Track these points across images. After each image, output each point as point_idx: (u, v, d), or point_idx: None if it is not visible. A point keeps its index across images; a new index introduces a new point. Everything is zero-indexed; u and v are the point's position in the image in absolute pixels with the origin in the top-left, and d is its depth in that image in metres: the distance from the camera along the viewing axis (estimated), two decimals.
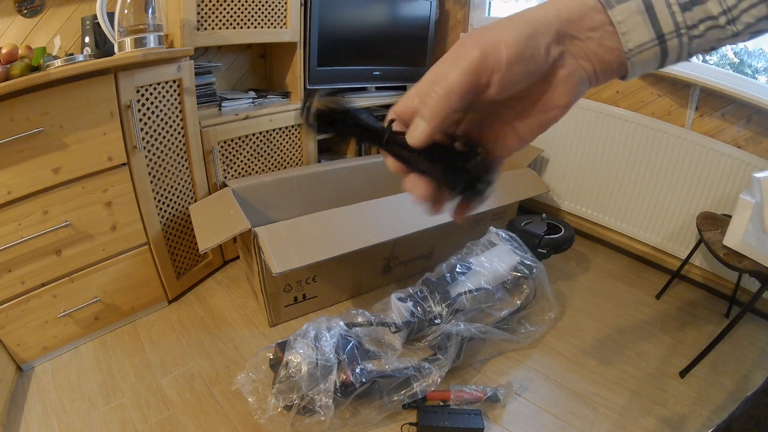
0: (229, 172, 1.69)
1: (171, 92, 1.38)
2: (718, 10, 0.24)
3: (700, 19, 0.25)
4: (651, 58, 0.26)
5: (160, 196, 1.43)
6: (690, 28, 0.25)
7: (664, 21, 0.25)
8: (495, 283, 1.36)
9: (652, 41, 0.25)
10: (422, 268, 1.72)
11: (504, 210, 1.91)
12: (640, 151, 1.76)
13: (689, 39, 0.25)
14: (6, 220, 1.08)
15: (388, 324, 1.25)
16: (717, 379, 1.31)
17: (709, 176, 1.61)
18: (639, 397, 1.23)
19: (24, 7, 1.38)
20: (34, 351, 1.25)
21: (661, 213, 1.78)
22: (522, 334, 1.38)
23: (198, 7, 1.43)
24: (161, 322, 1.46)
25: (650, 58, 0.26)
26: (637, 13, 0.25)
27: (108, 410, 1.14)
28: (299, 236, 1.30)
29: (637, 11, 0.25)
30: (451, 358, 1.19)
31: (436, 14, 2.20)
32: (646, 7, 0.25)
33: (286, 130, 1.80)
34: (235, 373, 1.22)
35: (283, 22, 1.68)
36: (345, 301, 1.58)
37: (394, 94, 2.19)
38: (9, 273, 1.13)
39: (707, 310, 1.65)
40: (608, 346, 1.43)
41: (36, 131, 1.05)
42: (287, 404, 1.02)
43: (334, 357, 1.07)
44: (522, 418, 1.16)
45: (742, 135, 1.58)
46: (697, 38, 0.25)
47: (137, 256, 1.38)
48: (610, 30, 0.26)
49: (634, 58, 0.26)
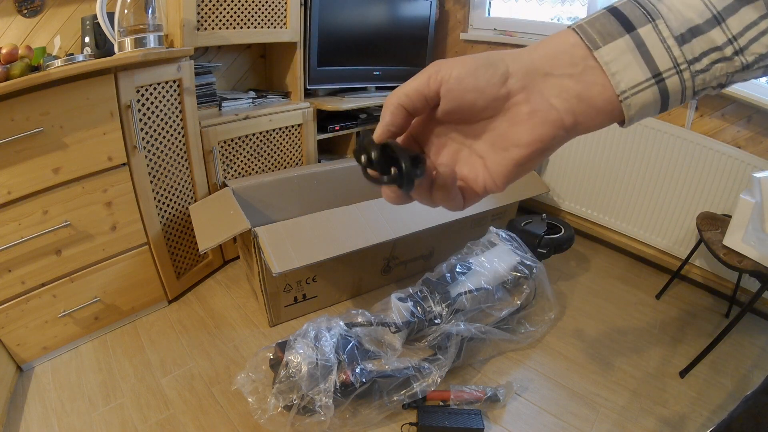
0: (229, 172, 1.69)
1: (171, 92, 1.38)
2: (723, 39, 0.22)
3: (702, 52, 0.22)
4: (650, 99, 0.24)
5: (160, 196, 1.43)
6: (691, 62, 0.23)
7: (660, 57, 0.23)
8: (495, 283, 1.36)
9: (647, 80, 0.23)
10: (422, 268, 1.72)
11: (504, 210, 1.91)
12: (640, 151, 1.76)
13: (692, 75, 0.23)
14: (6, 220, 1.08)
15: (388, 324, 1.25)
16: (717, 379, 1.31)
17: (709, 176, 1.61)
18: (639, 397, 1.23)
19: (24, 7, 1.38)
20: (34, 351, 1.25)
21: (661, 213, 1.78)
22: (522, 334, 1.38)
23: (198, 7, 1.43)
24: (161, 322, 1.46)
25: (649, 99, 0.24)
26: (627, 51, 0.23)
27: (108, 410, 1.14)
28: (299, 236, 1.30)
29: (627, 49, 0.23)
30: (451, 358, 1.19)
31: (436, 14, 2.21)
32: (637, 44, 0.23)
33: (286, 130, 1.80)
34: (235, 373, 1.22)
35: (283, 22, 1.68)
36: (345, 301, 1.58)
37: None
38: (9, 273, 1.13)
39: (707, 310, 1.65)
40: (608, 346, 1.43)
41: (36, 131, 1.05)
42: (287, 404, 1.02)
43: (334, 357, 1.07)
44: (522, 418, 1.16)
45: (742, 135, 1.58)
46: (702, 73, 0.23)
47: (137, 256, 1.38)
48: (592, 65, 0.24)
49: (629, 100, 0.24)
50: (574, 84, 0.24)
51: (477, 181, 0.28)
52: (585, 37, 0.24)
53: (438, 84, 0.25)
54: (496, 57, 0.26)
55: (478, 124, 0.27)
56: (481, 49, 2.25)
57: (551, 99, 0.25)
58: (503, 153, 0.26)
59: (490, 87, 0.25)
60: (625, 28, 0.23)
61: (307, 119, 1.83)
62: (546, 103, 0.25)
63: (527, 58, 0.25)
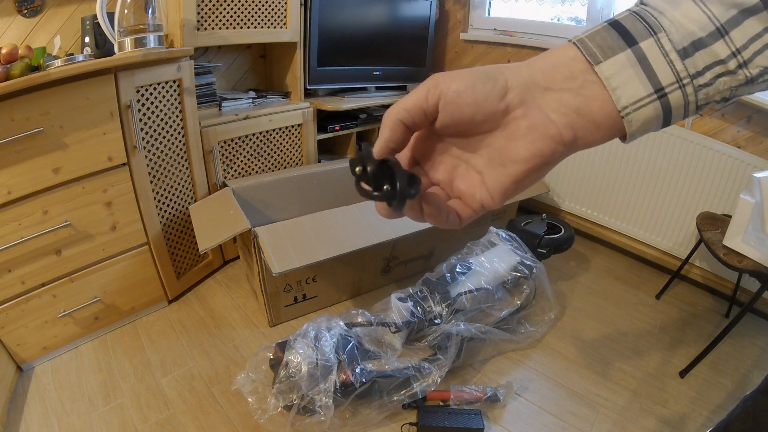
0: (229, 172, 1.69)
1: (171, 92, 1.38)
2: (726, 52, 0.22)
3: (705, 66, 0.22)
4: (651, 115, 0.23)
5: (160, 196, 1.43)
6: (694, 76, 0.22)
7: (662, 71, 0.22)
8: (495, 283, 1.36)
9: (648, 96, 0.23)
10: (422, 268, 1.72)
11: (504, 210, 1.91)
12: (640, 151, 1.76)
13: (695, 89, 0.22)
14: (6, 220, 1.08)
15: (388, 324, 1.25)
16: (717, 379, 1.31)
17: (709, 176, 1.61)
18: (639, 397, 1.23)
19: (24, 7, 1.38)
20: (34, 351, 1.25)
21: (661, 213, 1.78)
22: (522, 334, 1.38)
23: (198, 7, 1.43)
24: (161, 322, 1.46)
25: (651, 115, 0.23)
26: (629, 66, 0.23)
27: (108, 410, 1.14)
28: (299, 236, 1.30)
29: (628, 64, 0.23)
30: (451, 358, 1.19)
31: (436, 14, 2.21)
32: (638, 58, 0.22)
33: (286, 130, 1.80)
34: (235, 373, 1.22)
35: (283, 22, 1.68)
36: (345, 301, 1.58)
37: (394, 94, 2.19)
38: (9, 273, 1.13)
39: (707, 310, 1.65)
40: (608, 346, 1.43)
41: (36, 131, 1.05)
42: (287, 404, 1.02)
43: (334, 357, 1.07)
44: (522, 418, 1.16)
45: (742, 135, 1.58)
46: (705, 87, 0.22)
47: (137, 256, 1.38)
48: (592, 79, 0.23)
49: (631, 116, 0.23)
50: (573, 98, 0.24)
51: (474, 198, 0.28)
52: (585, 51, 0.24)
53: (437, 98, 0.25)
54: (495, 71, 0.25)
55: (475, 138, 0.27)
56: (481, 49, 2.25)
57: (550, 113, 0.24)
58: (501, 169, 0.26)
59: (489, 101, 0.25)
60: (626, 41, 0.23)
61: (307, 119, 1.83)
62: (545, 117, 0.24)
63: (526, 72, 0.25)
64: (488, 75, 0.25)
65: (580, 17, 1.98)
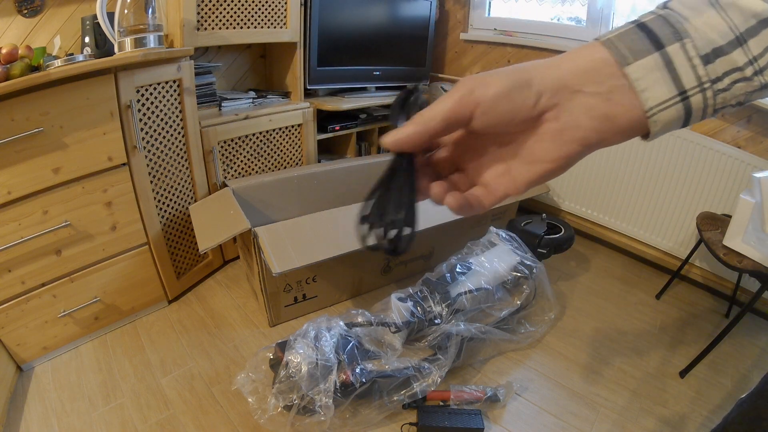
0: (229, 172, 1.69)
1: (171, 92, 1.38)
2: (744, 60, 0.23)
3: (724, 72, 0.23)
4: (674, 116, 0.25)
5: (160, 196, 1.43)
6: (714, 81, 0.24)
7: (686, 75, 0.24)
8: (495, 283, 1.36)
9: (673, 98, 0.24)
10: (422, 268, 1.72)
11: (504, 210, 1.91)
12: (640, 151, 1.76)
13: (714, 93, 0.24)
14: (6, 220, 1.08)
15: (388, 324, 1.25)
16: (717, 379, 1.31)
17: (709, 176, 1.61)
18: (639, 397, 1.23)
19: (24, 7, 1.38)
20: (34, 351, 1.25)
21: (661, 213, 1.78)
22: (522, 334, 1.38)
23: (198, 7, 1.43)
24: (161, 322, 1.46)
25: (673, 116, 0.25)
26: (656, 69, 0.24)
27: (108, 410, 1.14)
28: (299, 236, 1.30)
29: (656, 67, 0.24)
30: (451, 358, 1.19)
31: (436, 14, 2.20)
32: (665, 62, 0.24)
33: (286, 130, 1.80)
34: (235, 373, 1.22)
35: (283, 22, 1.68)
36: (345, 301, 1.58)
37: (394, 94, 2.18)
38: (9, 273, 1.13)
39: (707, 310, 1.65)
40: (608, 346, 1.43)
41: (36, 131, 1.05)
42: (287, 404, 1.02)
43: (334, 357, 1.07)
44: (522, 418, 1.16)
45: (742, 135, 1.58)
46: (723, 92, 0.24)
47: (137, 256, 1.38)
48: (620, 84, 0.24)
49: (656, 117, 0.24)
50: (602, 103, 0.25)
51: (498, 187, 0.29)
52: (615, 52, 0.25)
53: (473, 106, 0.25)
54: (526, 75, 0.26)
55: (505, 136, 0.28)
56: (481, 49, 2.25)
57: (580, 118, 0.25)
58: (528, 166, 0.27)
59: (524, 108, 0.25)
60: (654, 45, 0.24)
61: (307, 119, 1.83)
62: (574, 121, 0.25)
63: (555, 73, 0.25)
64: (521, 81, 0.25)
65: (580, 17, 1.98)
